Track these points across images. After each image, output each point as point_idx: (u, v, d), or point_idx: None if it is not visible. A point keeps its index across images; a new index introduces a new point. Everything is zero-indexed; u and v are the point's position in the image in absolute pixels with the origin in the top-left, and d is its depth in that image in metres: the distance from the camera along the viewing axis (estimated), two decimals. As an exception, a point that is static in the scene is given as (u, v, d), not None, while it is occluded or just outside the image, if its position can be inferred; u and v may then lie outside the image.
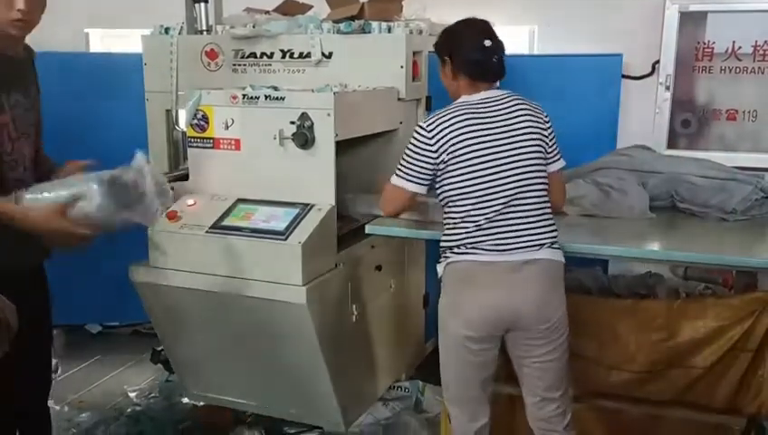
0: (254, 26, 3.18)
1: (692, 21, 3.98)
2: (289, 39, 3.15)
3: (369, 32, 3.09)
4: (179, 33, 3.29)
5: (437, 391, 3.43)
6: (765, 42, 3.86)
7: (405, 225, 2.81)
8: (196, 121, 2.79)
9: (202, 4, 3.34)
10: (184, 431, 3.34)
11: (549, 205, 2.35)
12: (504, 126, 2.29)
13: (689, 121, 4.08)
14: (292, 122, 2.62)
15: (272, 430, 3.26)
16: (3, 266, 2.03)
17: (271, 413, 3.06)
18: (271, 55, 3.18)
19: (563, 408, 2.43)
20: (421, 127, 2.32)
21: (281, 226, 2.60)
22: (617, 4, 4.07)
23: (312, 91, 2.77)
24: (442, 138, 2.28)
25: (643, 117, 4.03)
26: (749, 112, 3.99)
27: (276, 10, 3.44)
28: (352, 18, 3.15)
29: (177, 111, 3.12)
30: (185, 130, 2.86)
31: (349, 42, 3.08)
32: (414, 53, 3.12)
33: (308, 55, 3.12)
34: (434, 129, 2.30)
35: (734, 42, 3.92)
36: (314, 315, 2.56)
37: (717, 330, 2.59)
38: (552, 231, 2.33)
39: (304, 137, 2.60)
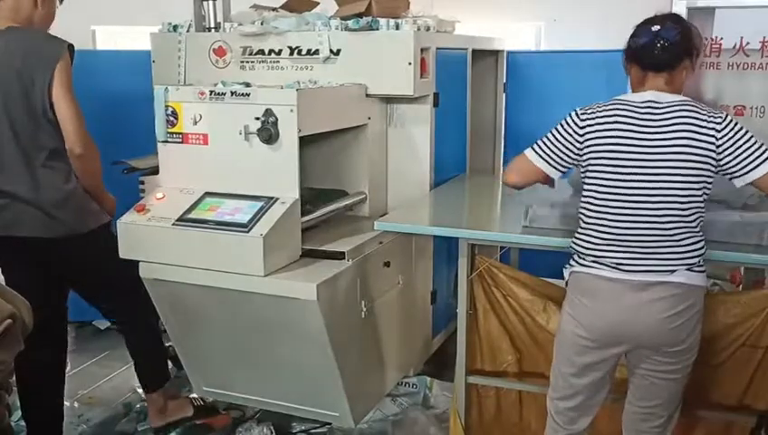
0: (261, 23, 3.18)
1: (699, 16, 3.95)
2: (297, 36, 3.16)
3: (377, 28, 3.09)
4: (187, 31, 3.30)
5: (445, 387, 3.45)
6: (774, 37, 3.85)
7: (412, 220, 2.82)
8: (165, 117, 2.82)
9: (210, 2, 3.35)
10: (193, 427, 3.35)
11: (695, 227, 2.14)
12: (658, 138, 2.09)
13: (697, 117, 4.06)
14: (257, 118, 2.64)
15: (280, 426, 3.27)
16: None
17: (279, 409, 3.08)
18: (279, 52, 3.19)
19: (666, 427, 2.35)
20: (575, 112, 2.20)
21: (244, 218, 2.63)
22: (624, -1, 4.07)
23: (282, 87, 2.80)
24: (593, 130, 2.15)
25: (650, 113, 4.02)
26: (757, 108, 3.97)
27: (284, 7, 3.45)
28: (360, 15, 3.15)
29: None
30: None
31: (357, 38, 3.09)
32: (422, 50, 3.12)
33: (316, 52, 3.13)
34: (588, 117, 2.17)
35: (741, 37, 3.90)
36: (324, 312, 2.57)
37: (727, 327, 2.58)
38: (694, 254, 2.14)
39: (268, 132, 2.63)
